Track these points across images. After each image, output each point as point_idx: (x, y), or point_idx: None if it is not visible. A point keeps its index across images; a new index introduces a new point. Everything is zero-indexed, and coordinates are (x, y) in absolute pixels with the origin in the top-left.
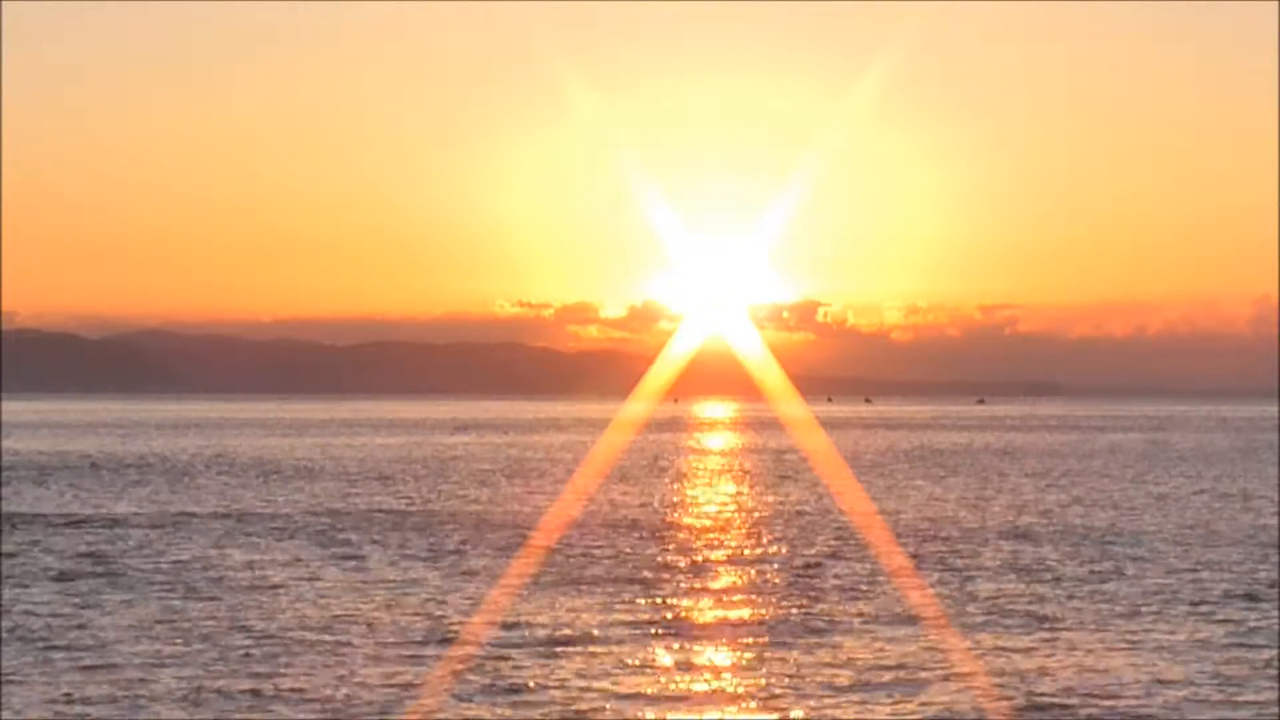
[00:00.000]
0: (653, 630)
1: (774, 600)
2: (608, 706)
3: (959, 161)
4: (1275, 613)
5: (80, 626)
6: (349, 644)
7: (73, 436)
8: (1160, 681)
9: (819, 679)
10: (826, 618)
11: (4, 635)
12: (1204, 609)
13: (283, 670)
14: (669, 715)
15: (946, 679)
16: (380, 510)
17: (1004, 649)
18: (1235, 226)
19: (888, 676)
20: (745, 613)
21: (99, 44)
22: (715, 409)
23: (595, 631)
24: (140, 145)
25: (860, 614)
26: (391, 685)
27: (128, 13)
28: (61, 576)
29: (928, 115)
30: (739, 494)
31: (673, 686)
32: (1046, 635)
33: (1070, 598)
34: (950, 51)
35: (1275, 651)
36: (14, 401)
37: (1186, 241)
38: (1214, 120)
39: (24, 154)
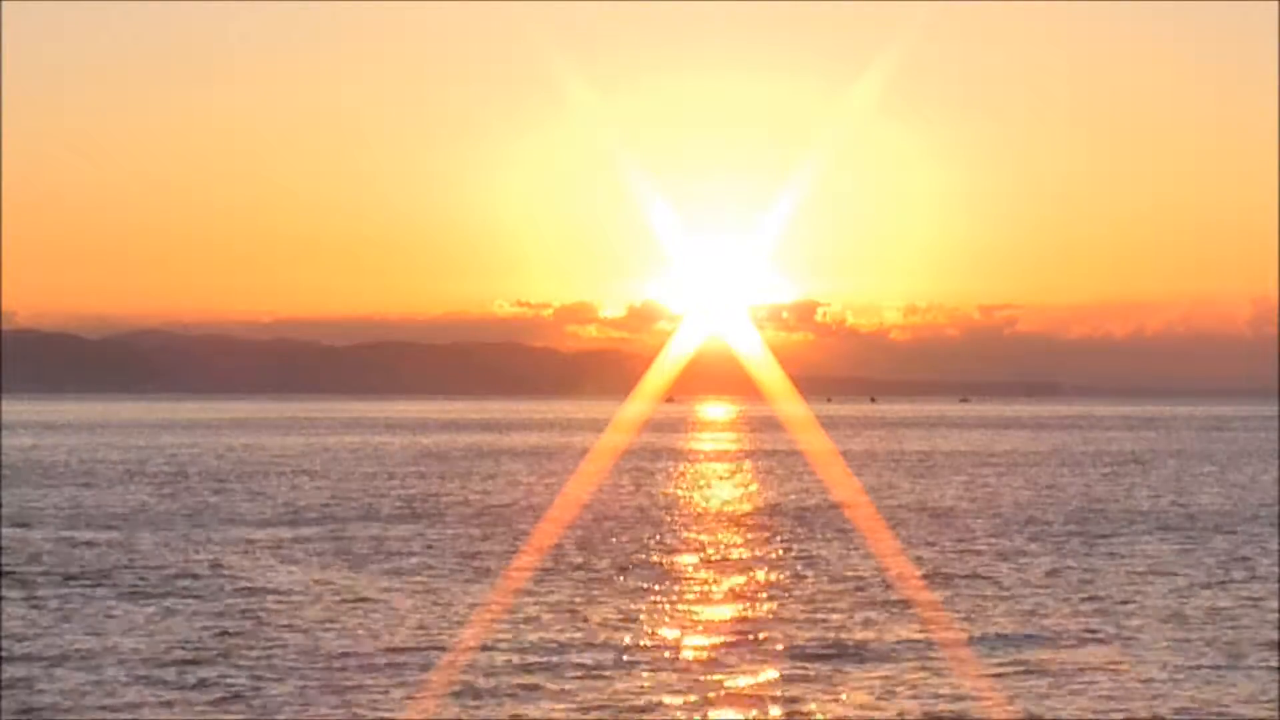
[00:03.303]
0: (653, 631)
1: (775, 601)
2: (609, 707)
3: (959, 161)
4: (1273, 613)
5: (77, 630)
6: (346, 647)
7: (72, 436)
8: (1167, 696)
9: (816, 682)
10: (823, 617)
11: (3, 638)
12: (1200, 612)
13: (280, 672)
14: (670, 715)
15: (945, 679)
16: (379, 509)
17: (1002, 651)
18: (1235, 226)
19: (884, 676)
20: (746, 614)
21: (99, 44)
22: (714, 409)
23: (595, 633)
24: (140, 145)
25: (856, 612)
26: (390, 686)
27: (128, 13)
28: (60, 578)
29: (928, 115)
30: (742, 494)
31: (672, 689)
32: (1040, 634)
33: (1057, 589)
34: (950, 51)
35: (1274, 652)
36: (14, 402)
37: (1186, 241)
38: (1214, 120)
39: (24, 154)
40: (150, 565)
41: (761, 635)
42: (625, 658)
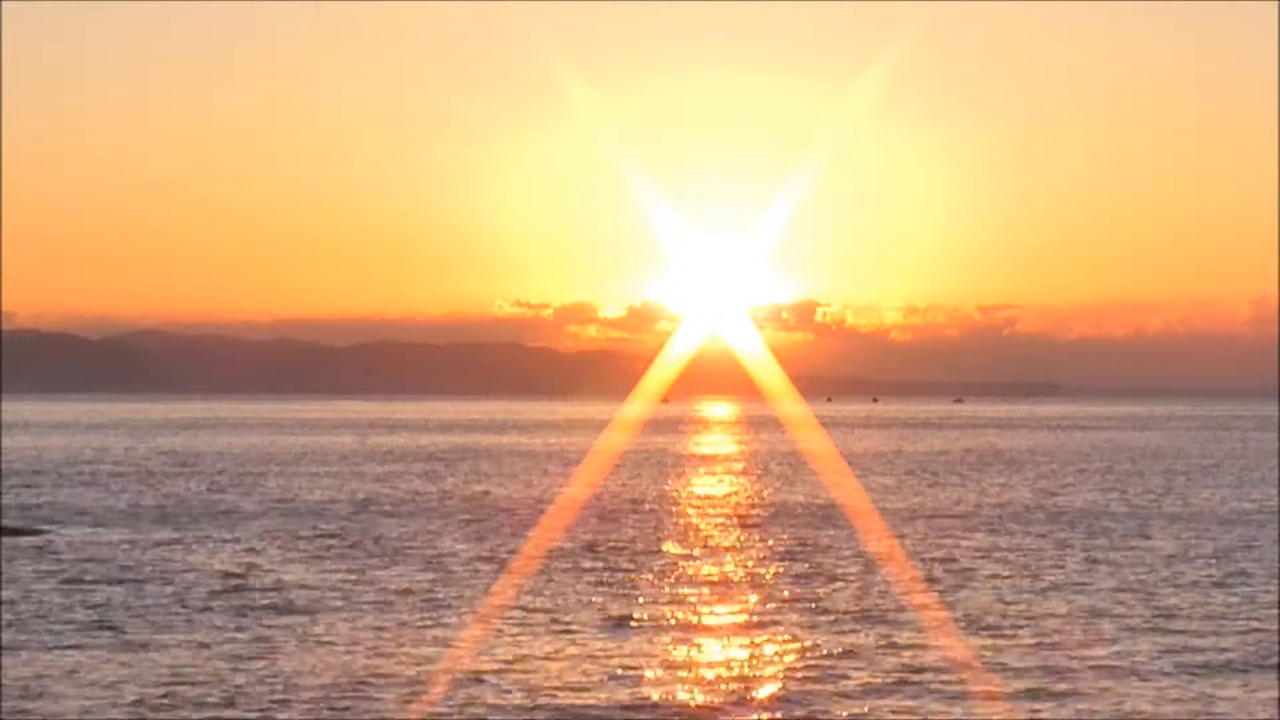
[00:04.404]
0: (651, 633)
1: (776, 603)
2: (608, 708)
3: (959, 161)
4: (1274, 613)
5: (75, 632)
6: (347, 650)
7: (72, 436)
8: (1166, 696)
9: (816, 684)
10: (822, 619)
11: (4, 641)
12: (1194, 616)
13: (276, 675)
14: (669, 715)
15: (942, 679)
16: (375, 509)
17: (1000, 651)
18: (1235, 226)
19: (884, 677)
20: (746, 616)
21: (99, 44)
22: (714, 409)
23: (595, 635)
24: (140, 145)
25: (854, 611)
26: (391, 691)
27: (128, 13)
28: (58, 581)
29: (928, 115)
30: (741, 495)
31: (671, 691)
32: (1034, 630)
33: (1051, 588)
34: (950, 51)
35: (1274, 652)
36: (14, 402)
37: (1186, 241)
38: (1214, 120)
39: (24, 154)
40: (149, 567)
41: (761, 637)
42: (625, 659)
